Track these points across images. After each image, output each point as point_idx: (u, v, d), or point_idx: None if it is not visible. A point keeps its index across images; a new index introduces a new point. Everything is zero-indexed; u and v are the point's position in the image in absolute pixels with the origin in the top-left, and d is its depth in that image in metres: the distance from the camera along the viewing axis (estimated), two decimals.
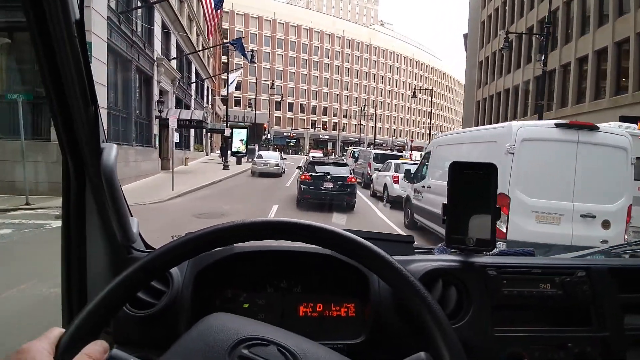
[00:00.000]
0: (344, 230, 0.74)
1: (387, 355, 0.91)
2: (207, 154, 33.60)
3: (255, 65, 70.13)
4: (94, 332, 0.54)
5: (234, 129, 26.72)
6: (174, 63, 19.74)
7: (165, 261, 0.60)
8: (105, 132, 0.95)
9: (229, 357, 0.54)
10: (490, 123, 28.81)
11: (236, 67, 33.51)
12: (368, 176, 17.03)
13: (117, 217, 0.93)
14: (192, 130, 26.29)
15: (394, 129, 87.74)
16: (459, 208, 0.93)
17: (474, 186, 0.92)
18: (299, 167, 12.68)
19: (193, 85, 26.24)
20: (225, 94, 23.56)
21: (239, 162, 26.56)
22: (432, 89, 29.24)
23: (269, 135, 47.66)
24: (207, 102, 34.15)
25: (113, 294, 0.56)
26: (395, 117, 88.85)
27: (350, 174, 11.25)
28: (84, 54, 0.79)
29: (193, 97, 26.46)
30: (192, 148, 26.09)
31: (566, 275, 0.95)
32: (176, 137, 22.22)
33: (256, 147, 31.69)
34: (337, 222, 8.94)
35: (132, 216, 1.00)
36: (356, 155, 22.60)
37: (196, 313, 0.89)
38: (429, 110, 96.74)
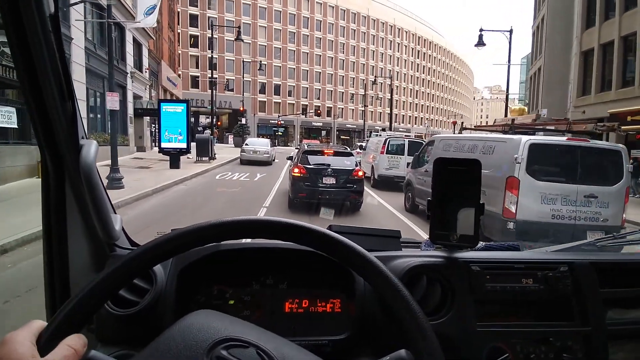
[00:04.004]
0: (330, 225, 0.75)
1: (371, 350, 0.92)
2: (140, 150, 21.20)
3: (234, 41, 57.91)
4: (76, 329, 0.54)
5: (163, 105, 14.31)
6: None
7: (149, 259, 0.59)
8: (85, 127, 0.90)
9: (207, 357, 0.53)
10: (625, 86, 16.48)
11: None
12: None
13: (97, 214, 0.90)
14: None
15: (395, 114, 75.85)
16: (443, 204, 0.92)
17: (458, 182, 0.91)
18: (290, 158, 10.69)
19: (81, 22, 13.77)
20: (135, 24, 11.14)
21: (174, 164, 14.38)
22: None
23: (244, 120, 35.43)
24: (139, 68, 21.64)
25: (95, 291, 0.56)
26: (397, 100, 76.83)
27: (357, 165, 8.98)
28: (59, 48, 0.78)
29: (81, 47, 14.05)
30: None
31: (549, 270, 0.96)
32: None
33: (221, 137, 19.64)
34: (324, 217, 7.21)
35: (115, 213, 0.97)
36: (424, 154, 8.93)
37: (180, 310, 0.88)
38: (436, 94, 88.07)
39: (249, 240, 0.68)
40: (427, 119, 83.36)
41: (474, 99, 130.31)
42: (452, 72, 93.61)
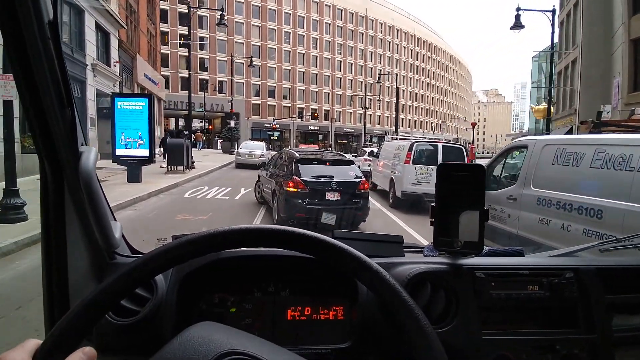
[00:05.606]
0: (333, 230, 0.76)
1: (375, 359, 0.91)
2: (106, 157, 17.82)
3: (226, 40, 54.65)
4: (75, 341, 0.52)
5: (117, 101, 11.03)
6: None
7: (152, 268, 0.59)
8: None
9: None
10: None
11: None
12: None
13: (97, 221, 0.90)
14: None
15: (395, 118, 73.03)
16: (446, 210, 0.91)
17: (462, 188, 0.90)
18: (263, 165, 9.60)
19: None
20: None
21: (133, 177, 11.15)
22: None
23: (232, 123, 32.30)
24: (106, 61, 18.42)
25: (95, 302, 0.55)
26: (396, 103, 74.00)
27: (362, 177, 7.49)
28: (58, 55, 0.78)
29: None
30: None
31: (554, 277, 0.94)
32: None
33: (201, 141, 16.44)
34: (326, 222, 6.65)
35: (115, 220, 0.97)
36: (504, 170, 5.47)
37: (181, 319, 0.89)
38: (436, 97, 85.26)
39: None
40: (428, 122, 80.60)
41: (471, 102, 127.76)
42: (451, 75, 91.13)
